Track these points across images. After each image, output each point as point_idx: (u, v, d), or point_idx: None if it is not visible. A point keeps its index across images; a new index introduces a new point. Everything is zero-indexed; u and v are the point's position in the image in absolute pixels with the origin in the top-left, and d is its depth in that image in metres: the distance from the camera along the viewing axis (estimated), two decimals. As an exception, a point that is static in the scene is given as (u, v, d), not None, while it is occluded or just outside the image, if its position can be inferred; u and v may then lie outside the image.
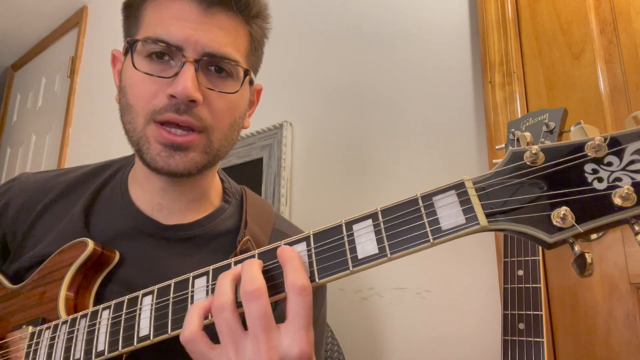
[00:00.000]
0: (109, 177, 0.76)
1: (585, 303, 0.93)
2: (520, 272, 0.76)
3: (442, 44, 1.26)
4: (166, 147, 0.61)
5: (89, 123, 2.44)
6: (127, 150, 0.74)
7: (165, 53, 0.62)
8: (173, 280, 0.51)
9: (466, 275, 1.09)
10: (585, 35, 1.03)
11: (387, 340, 1.18)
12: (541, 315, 0.72)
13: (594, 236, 0.92)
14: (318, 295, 0.75)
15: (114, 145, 2.13)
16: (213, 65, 0.63)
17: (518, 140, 0.51)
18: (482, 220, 0.40)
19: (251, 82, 0.72)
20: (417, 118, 1.26)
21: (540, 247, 0.76)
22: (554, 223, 0.37)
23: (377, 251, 0.42)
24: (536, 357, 0.70)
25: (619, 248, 0.91)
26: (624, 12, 1.00)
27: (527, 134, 0.43)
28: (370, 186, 1.31)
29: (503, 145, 0.83)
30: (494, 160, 0.68)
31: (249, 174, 1.57)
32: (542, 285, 0.74)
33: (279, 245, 0.47)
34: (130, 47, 0.63)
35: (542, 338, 0.71)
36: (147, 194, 0.71)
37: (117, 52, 0.72)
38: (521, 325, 0.73)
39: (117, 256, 0.65)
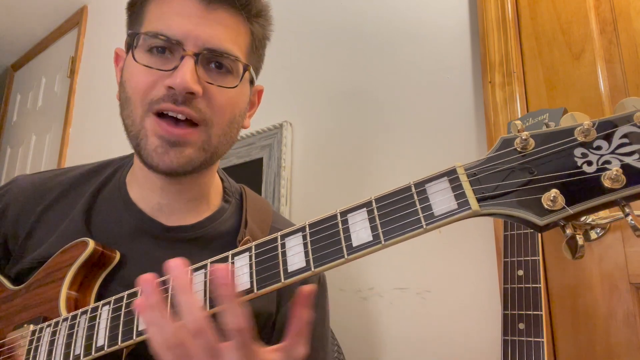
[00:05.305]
0: (107, 177, 0.76)
1: (585, 303, 0.93)
2: (520, 272, 0.76)
3: (442, 44, 1.26)
4: (163, 141, 0.61)
5: (89, 123, 2.44)
6: (127, 150, 0.74)
7: (166, 48, 0.62)
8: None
9: (466, 276, 1.09)
10: (585, 35, 1.03)
11: (387, 340, 1.18)
12: (541, 315, 0.72)
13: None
14: (319, 304, 0.75)
15: (114, 146, 2.12)
16: (213, 61, 0.63)
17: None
18: (474, 204, 0.40)
19: (252, 82, 0.72)
20: (417, 118, 1.26)
21: (540, 247, 0.76)
22: (545, 206, 0.38)
23: (371, 238, 0.43)
24: (536, 357, 0.70)
25: (619, 248, 0.91)
26: (624, 12, 1.00)
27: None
28: (370, 186, 1.31)
29: (503, 145, 0.83)
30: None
31: (249, 174, 1.57)
32: (542, 285, 0.74)
33: (275, 237, 0.48)
34: (131, 40, 0.64)
35: (542, 338, 0.71)
36: (146, 194, 0.71)
37: (120, 50, 0.72)
38: (521, 325, 0.73)
39: (118, 256, 0.65)
